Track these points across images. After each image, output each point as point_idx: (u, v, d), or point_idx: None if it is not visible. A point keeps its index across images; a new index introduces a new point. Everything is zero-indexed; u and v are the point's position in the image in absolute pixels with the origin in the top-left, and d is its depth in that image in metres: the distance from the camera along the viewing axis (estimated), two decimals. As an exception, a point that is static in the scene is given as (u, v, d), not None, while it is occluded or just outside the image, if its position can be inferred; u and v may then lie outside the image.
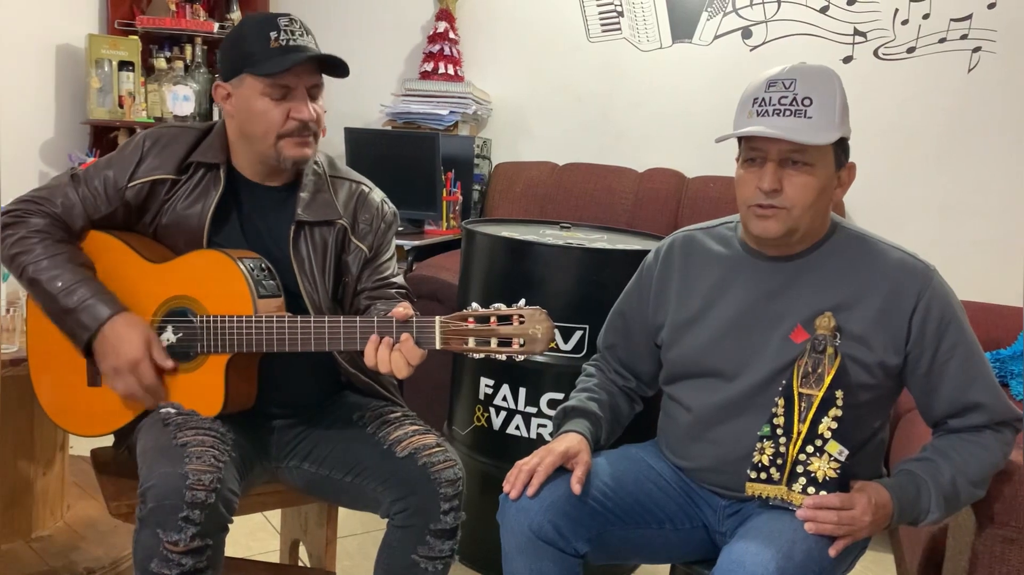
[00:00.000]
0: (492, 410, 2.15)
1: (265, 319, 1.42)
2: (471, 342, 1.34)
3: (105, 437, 1.60)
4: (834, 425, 1.31)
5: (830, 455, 1.31)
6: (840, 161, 1.38)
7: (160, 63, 3.50)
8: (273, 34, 1.46)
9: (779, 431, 1.34)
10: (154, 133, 1.57)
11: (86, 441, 1.68)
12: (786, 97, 1.31)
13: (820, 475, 1.31)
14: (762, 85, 1.34)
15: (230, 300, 1.44)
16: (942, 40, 3.17)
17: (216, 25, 3.55)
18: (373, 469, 1.50)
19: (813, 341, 1.35)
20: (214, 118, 3.46)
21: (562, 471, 1.38)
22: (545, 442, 1.48)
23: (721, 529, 1.48)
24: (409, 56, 3.89)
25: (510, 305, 1.35)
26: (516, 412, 2.11)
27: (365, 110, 3.79)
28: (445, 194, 3.34)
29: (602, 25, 3.62)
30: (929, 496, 1.33)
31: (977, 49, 3.13)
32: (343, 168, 1.68)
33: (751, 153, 1.36)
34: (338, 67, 1.51)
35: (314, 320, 1.41)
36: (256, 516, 2.35)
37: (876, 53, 3.26)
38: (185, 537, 1.27)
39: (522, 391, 2.10)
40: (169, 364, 1.45)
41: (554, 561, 1.35)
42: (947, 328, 1.36)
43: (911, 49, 3.22)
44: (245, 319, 1.43)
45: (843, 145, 1.37)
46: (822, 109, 1.31)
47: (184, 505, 1.27)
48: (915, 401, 1.44)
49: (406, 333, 1.36)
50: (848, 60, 3.28)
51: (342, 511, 1.75)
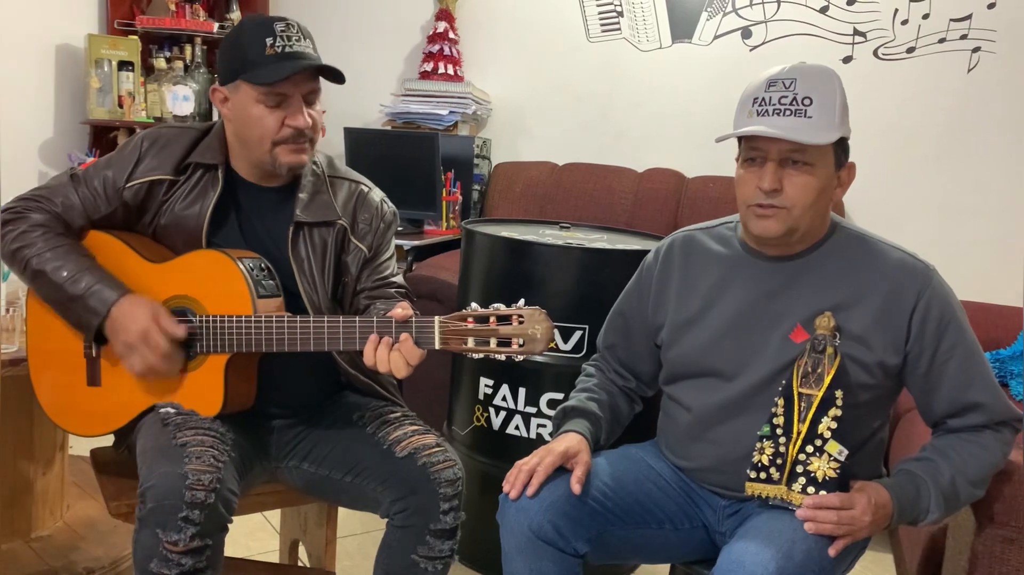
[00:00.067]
0: (492, 410, 2.15)
1: (264, 319, 1.42)
2: (470, 342, 1.34)
3: (105, 437, 1.60)
4: (834, 425, 1.31)
5: (830, 455, 1.30)
6: (840, 161, 1.38)
7: (160, 63, 3.50)
8: (269, 40, 1.45)
9: (779, 431, 1.34)
10: (152, 133, 1.57)
11: (86, 441, 1.68)
12: (786, 97, 1.31)
13: (820, 475, 1.31)
14: (762, 85, 1.34)
15: (230, 300, 1.44)
16: (942, 40, 3.17)
17: (216, 25, 3.55)
18: (373, 469, 1.50)
19: (813, 341, 1.35)
20: (214, 118, 3.46)
21: (562, 471, 1.38)
22: (545, 442, 1.48)
23: (721, 529, 1.48)
24: (409, 56, 3.89)
25: (509, 305, 1.35)
26: (516, 412, 2.11)
27: (365, 110, 3.79)
28: (445, 194, 3.34)
29: (602, 25, 3.62)
30: (929, 496, 1.33)
31: (977, 49, 3.13)
32: (342, 168, 1.68)
33: (751, 153, 1.36)
34: (335, 74, 1.50)
35: (313, 320, 1.41)
36: (256, 516, 2.35)
37: (876, 53, 3.26)
38: (185, 537, 1.27)
39: (522, 391, 2.10)
40: (180, 331, 1.43)
41: (554, 561, 1.35)
42: (947, 328, 1.36)
43: (911, 49, 3.22)
44: (244, 319, 1.43)
45: (843, 145, 1.37)
46: (822, 109, 1.31)
47: (184, 505, 1.28)
48: (915, 401, 1.44)
49: (405, 333, 1.36)
50: (848, 60, 3.28)
51: (342, 511, 1.75)
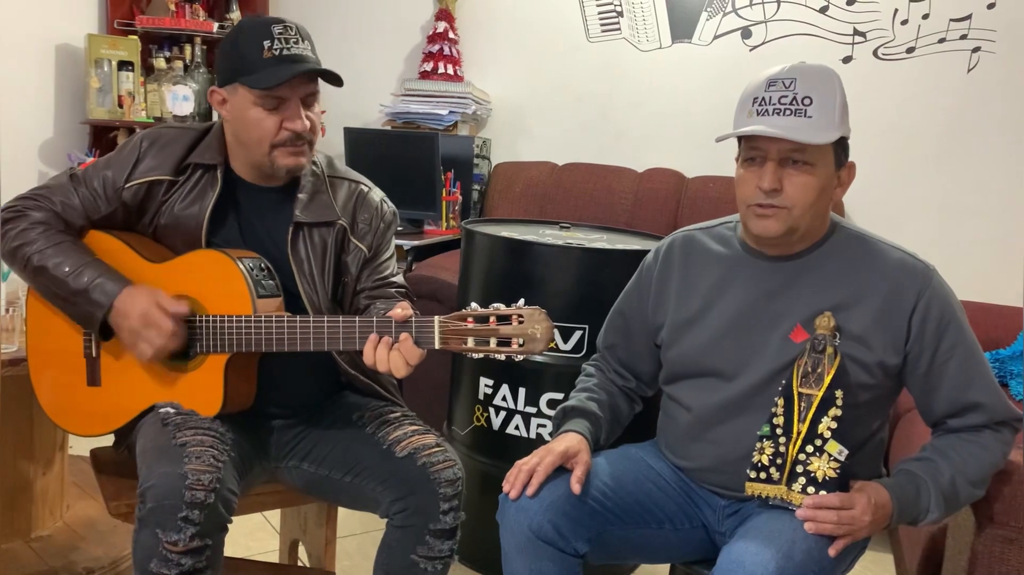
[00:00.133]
0: (491, 410, 2.15)
1: (264, 319, 1.42)
2: (470, 342, 1.34)
3: (105, 437, 1.60)
4: (834, 425, 1.31)
5: (830, 455, 1.30)
6: (840, 160, 1.38)
7: (159, 63, 3.49)
8: (266, 43, 1.44)
9: (779, 431, 1.34)
10: (152, 134, 1.57)
11: (86, 441, 1.68)
12: (786, 96, 1.31)
13: (820, 475, 1.30)
14: (762, 84, 1.34)
15: (229, 300, 1.44)
16: (941, 40, 3.17)
17: (216, 25, 3.55)
18: (372, 469, 1.50)
19: (813, 341, 1.35)
20: (214, 118, 3.46)
21: (562, 471, 1.38)
22: (544, 442, 1.48)
23: (721, 529, 1.47)
24: (409, 56, 3.89)
25: (509, 305, 1.35)
26: (515, 412, 2.11)
27: (365, 110, 3.79)
28: (444, 194, 3.34)
29: (602, 25, 3.62)
30: (929, 496, 1.33)
31: (976, 49, 3.13)
32: (342, 168, 1.68)
33: (751, 152, 1.36)
34: (333, 77, 1.49)
35: (313, 320, 1.41)
36: (255, 516, 2.35)
37: (876, 53, 3.26)
38: (184, 537, 1.27)
39: (521, 391, 2.10)
40: (182, 308, 1.42)
41: (554, 561, 1.35)
42: (946, 328, 1.36)
43: (911, 49, 3.21)
44: (244, 319, 1.43)
45: (843, 144, 1.37)
46: (822, 108, 1.31)
47: (183, 505, 1.27)
48: (915, 401, 1.44)
49: (405, 333, 1.36)
50: (848, 60, 3.28)
51: (342, 511, 1.75)
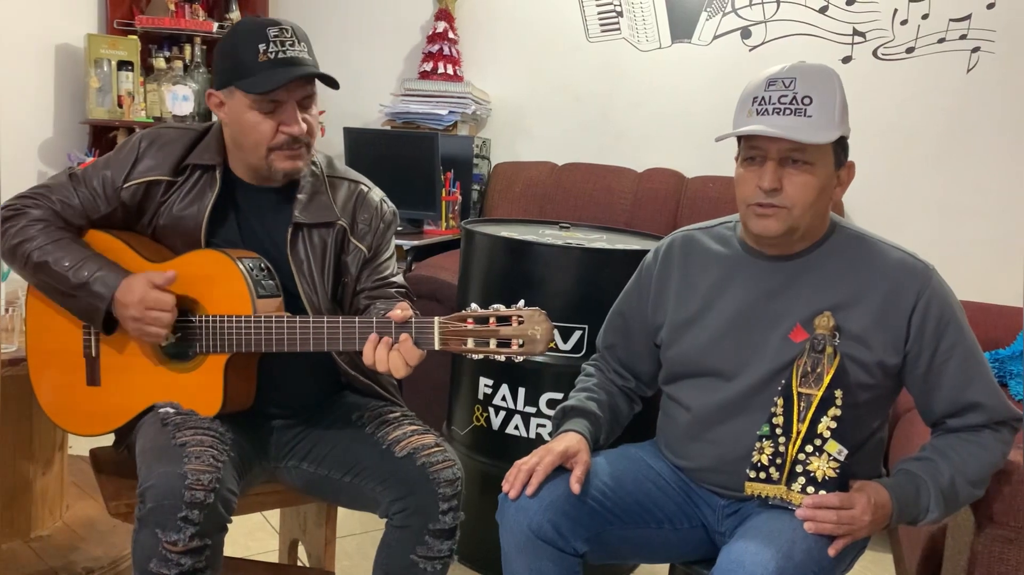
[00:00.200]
0: (491, 410, 2.15)
1: (264, 319, 1.42)
2: (470, 343, 1.34)
3: (104, 437, 1.60)
4: (833, 425, 1.31)
5: (829, 455, 1.30)
6: (840, 160, 1.38)
7: (159, 63, 3.50)
8: (262, 46, 1.44)
9: (778, 431, 1.34)
10: (151, 134, 1.56)
11: (85, 441, 1.68)
12: (786, 96, 1.31)
13: (819, 475, 1.30)
14: (762, 84, 1.34)
15: (229, 300, 1.44)
16: (941, 40, 3.17)
17: (215, 25, 3.55)
18: (372, 469, 1.49)
19: (812, 341, 1.35)
20: (213, 118, 3.46)
21: (561, 471, 1.38)
22: (544, 442, 1.48)
23: (720, 529, 1.47)
24: (408, 56, 3.89)
25: (509, 305, 1.35)
26: (515, 412, 2.11)
27: (364, 110, 3.79)
28: (444, 194, 3.34)
29: (601, 25, 3.62)
30: (928, 496, 1.33)
31: (976, 49, 3.13)
32: (341, 168, 1.68)
33: (751, 152, 1.36)
34: (329, 80, 1.49)
35: (313, 320, 1.41)
36: (255, 516, 2.34)
37: (875, 53, 3.26)
38: (184, 537, 1.27)
39: (521, 391, 2.10)
40: (171, 273, 1.42)
41: (553, 560, 1.35)
42: (946, 328, 1.36)
43: (910, 49, 3.22)
44: (244, 319, 1.43)
45: (843, 144, 1.37)
46: (822, 108, 1.31)
47: (183, 505, 1.27)
48: (914, 401, 1.44)
49: (405, 333, 1.36)
50: (847, 60, 3.28)
51: (341, 511, 1.75)
